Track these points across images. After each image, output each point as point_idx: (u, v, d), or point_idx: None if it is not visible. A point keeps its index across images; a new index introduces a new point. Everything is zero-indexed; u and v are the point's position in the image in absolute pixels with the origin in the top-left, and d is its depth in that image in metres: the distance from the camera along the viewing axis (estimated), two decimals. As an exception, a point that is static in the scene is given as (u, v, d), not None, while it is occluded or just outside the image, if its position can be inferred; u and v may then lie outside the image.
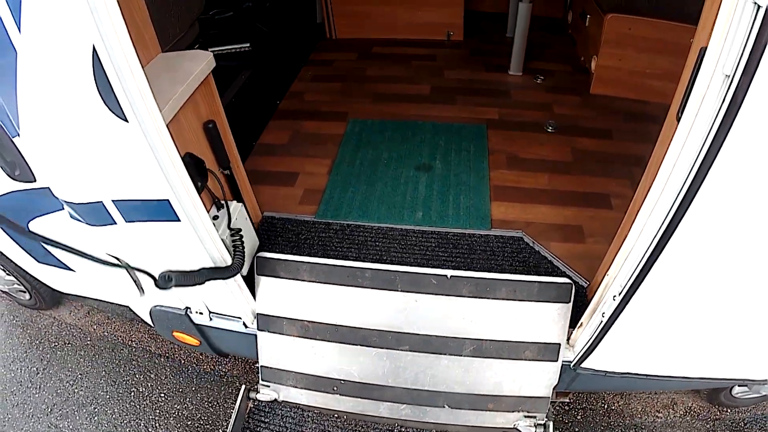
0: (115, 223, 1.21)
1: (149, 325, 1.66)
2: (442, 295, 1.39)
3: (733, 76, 0.76)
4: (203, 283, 1.28)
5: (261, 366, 1.52)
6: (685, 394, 1.82)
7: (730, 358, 1.33)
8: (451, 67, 2.67)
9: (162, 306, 1.55)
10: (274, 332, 1.48)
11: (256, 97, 2.47)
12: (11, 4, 0.83)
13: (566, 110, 2.34)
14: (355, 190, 1.90)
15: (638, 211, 1.08)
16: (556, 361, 1.39)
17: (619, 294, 1.17)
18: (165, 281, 1.25)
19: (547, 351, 1.39)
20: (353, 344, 1.44)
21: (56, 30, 0.86)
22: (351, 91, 2.51)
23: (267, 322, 1.50)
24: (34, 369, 2.09)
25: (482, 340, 1.39)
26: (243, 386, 1.55)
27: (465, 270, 1.45)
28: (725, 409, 1.77)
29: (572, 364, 1.40)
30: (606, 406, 1.80)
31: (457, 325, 1.40)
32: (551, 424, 1.42)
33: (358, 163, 2.02)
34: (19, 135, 1.09)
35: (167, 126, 1.20)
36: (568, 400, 1.79)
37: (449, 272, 1.39)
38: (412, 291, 1.40)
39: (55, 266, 1.78)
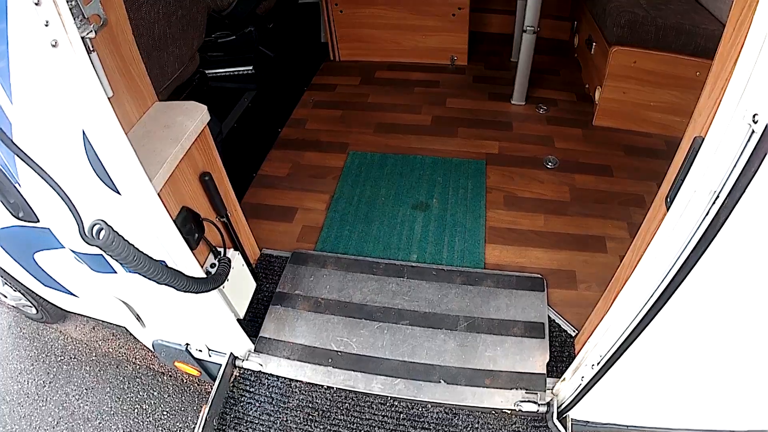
0: (116, 273, 1.25)
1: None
2: (440, 282, 1.72)
3: (719, 193, 0.76)
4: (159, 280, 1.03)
5: (260, 337, 1.59)
6: None
7: (717, 411, 1.34)
8: (454, 95, 2.65)
9: (163, 341, 1.61)
10: (286, 307, 1.67)
11: (259, 124, 2.48)
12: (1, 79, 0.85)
13: (567, 144, 2.33)
14: (352, 229, 1.92)
15: (620, 290, 1.09)
16: (543, 338, 1.56)
17: (597, 364, 1.19)
18: (92, 236, 0.87)
19: (533, 329, 1.59)
20: (358, 318, 1.63)
21: (47, 110, 0.89)
22: (352, 119, 2.51)
23: (282, 298, 1.70)
24: (41, 382, 2.14)
25: (474, 317, 1.62)
26: (229, 353, 1.54)
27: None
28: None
29: (556, 414, 1.42)
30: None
31: (452, 305, 1.65)
32: (555, 400, 1.41)
33: (356, 200, 2.03)
34: (19, 185, 1.12)
35: (164, 185, 1.25)
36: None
37: (446, 267, 1.76)
38: (416, 279, 1.73)
39: (58, 291, 1.83)
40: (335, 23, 2.86)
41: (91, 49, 1.10)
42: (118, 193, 1.02)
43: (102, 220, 0.86)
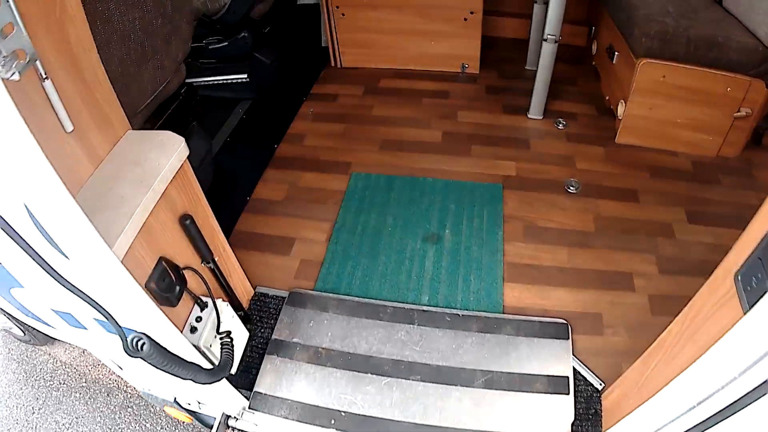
0: (86, 329, 1.10)
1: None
2: (454, 329, 1.54)
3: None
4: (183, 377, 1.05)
5: (254, 392, 1.44)
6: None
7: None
8: (466, 108, 2.45)
9: (151, 392, 1.47)
10: (284, 357, 1.51)
11: (253, 139, 2.28)
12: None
13: (589, 165, 2.14)
14: (356, 264, 1.73)
15: (662, 359, 0.91)
16: (568, 394, 1.42)
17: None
18: (135, 348, 0.89)
19: (557, 384, 1.44)
20: (364, 372, 1.47)
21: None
22: (355, 135, 2.31)
23: (279, 347, 1.54)
24: (30, 408, 2.03)
25: (493, 371, 1.46)
26: (221, 412, 1.41)
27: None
28: None
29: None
30: None
31: (468, 357, 1.49)
32: None
33: (359, 230, 1.84)
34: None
35: (137, 236, 1.06)
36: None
37: (460, 311, 1.59)
38: (427, 325, 1.56)
39: (40, 322, 1.69)
40: (337, 27, 2.64)
41: (44, 76, 0.91)
42: (67, 258, 0.84)
43: (144, 334, 0.85)
